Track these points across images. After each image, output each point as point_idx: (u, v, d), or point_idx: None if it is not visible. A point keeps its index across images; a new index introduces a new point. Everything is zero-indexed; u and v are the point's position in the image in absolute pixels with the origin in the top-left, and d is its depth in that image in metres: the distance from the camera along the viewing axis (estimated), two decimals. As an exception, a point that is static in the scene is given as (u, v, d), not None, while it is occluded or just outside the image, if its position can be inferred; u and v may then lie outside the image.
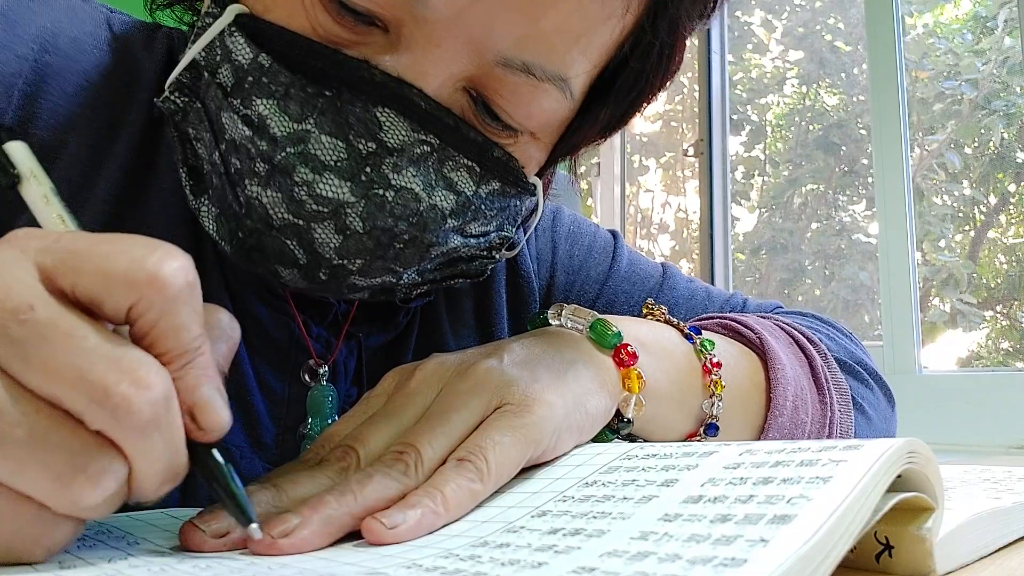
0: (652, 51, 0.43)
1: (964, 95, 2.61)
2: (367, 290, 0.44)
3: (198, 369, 0.27)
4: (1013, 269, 2.76)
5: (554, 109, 0.42)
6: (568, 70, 0.40)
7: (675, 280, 0.66)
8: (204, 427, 0.28)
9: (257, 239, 0.41)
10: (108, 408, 0.24)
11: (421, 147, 0.39)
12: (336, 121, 0.38)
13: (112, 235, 0.27)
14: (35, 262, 0.25)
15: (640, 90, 0.46)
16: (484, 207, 0.43)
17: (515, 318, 0.60)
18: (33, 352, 0.24)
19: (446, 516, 0.32)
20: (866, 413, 0.58)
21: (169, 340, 0.26)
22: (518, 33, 0.38)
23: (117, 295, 0.25)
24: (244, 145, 0.39)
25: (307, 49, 0.38)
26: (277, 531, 0.30)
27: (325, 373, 0.50)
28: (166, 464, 0.26)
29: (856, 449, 0.27)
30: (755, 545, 0.22)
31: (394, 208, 0.39)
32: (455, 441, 0.35)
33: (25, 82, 0.44)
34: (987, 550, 0.34)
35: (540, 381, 0.39)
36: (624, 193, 2.62)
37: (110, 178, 0.45)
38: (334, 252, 0.40)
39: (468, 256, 0.47)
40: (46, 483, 0.24)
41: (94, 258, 0.25)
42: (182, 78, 0.41)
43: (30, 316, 0.24)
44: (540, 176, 0.48)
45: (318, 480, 0.34)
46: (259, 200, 0.39)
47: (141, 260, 0.26)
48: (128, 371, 0.25)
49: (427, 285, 0.47)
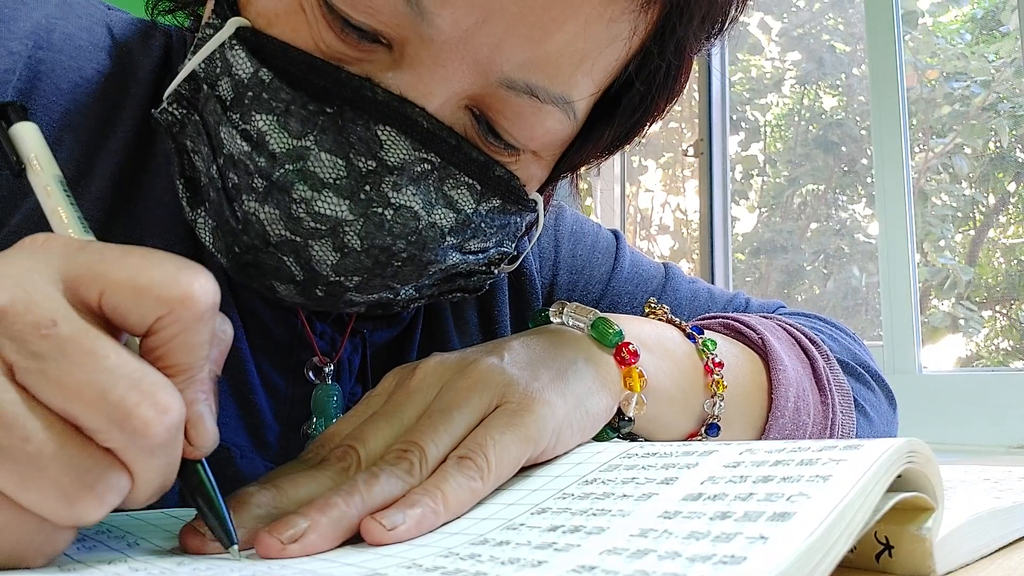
0: (658, 73, 0.43)
1: (972, 96, 2.60)
2: (364, 305, 0.44)
3: (198, 385, 0.27)
4: (1013, 269, 2.75)
5: (557, 130, 0.42)
6: (572, 92, 0.40)
7: (678, 280, 0.66)
8: (194, 443, 0.28)
9: (254, 255, 0.40)
10: (127, 430, 0.24)
11: (422, 165, 0.39)
12: (337, 139, 0.38)
13: (140, 248, 0.27)
14: (59, 271, 0.25)
15: (644, 110, 0.45)
16: (484, 224, 0.43)
17: (518, 316, 0.60)
18: (53, 368, 0.24)
19: (446, 515, 0.32)
20: (867, 414, 0.58)
21: (181, 355, 0.26)
22: (523, 56, 0.38)
23: (146, 308, 0.25)
24: (242, 160, 0.38)
25: (309, 66, 0.38)
26: (286, 536, 0.29)
27: (330, 371, 0.50)
28: (162, 481, 0.27)
29: (856, 448, 0.27)
30: (755, 542, 0.22)
31: (393, 227, 0.39)
32: (457, 439, 0.35)
33: (19, 79, 0.43)
34: (987, 550, 0.33)
35: (540, 380, 0.39)
36: (624, 193, 2.62)
37: (104, 175, 0.45)
38: (331, 269, 0.40)
39: (467, 272, 0.46)
40: (52, 500, 0.24)
41: (124, 269, 0.25)
42: (181, 89, 0.41)
43: (52, 331, 0.24)
44: (541, 192, 0.48)
45: (319, 480, 0.34)
46: (256, 216, 0.39)
47: (175, 276, 0.26)
48: (148, 393, 0.25)
49: (424, 300, 0.47)
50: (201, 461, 0.29)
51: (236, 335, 0.47)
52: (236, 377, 0.47)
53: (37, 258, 0.26)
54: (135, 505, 0.27)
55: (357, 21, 0.37)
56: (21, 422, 0.24)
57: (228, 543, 0.29)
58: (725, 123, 2.19)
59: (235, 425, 0.47)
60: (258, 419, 0.48)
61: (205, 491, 0.29)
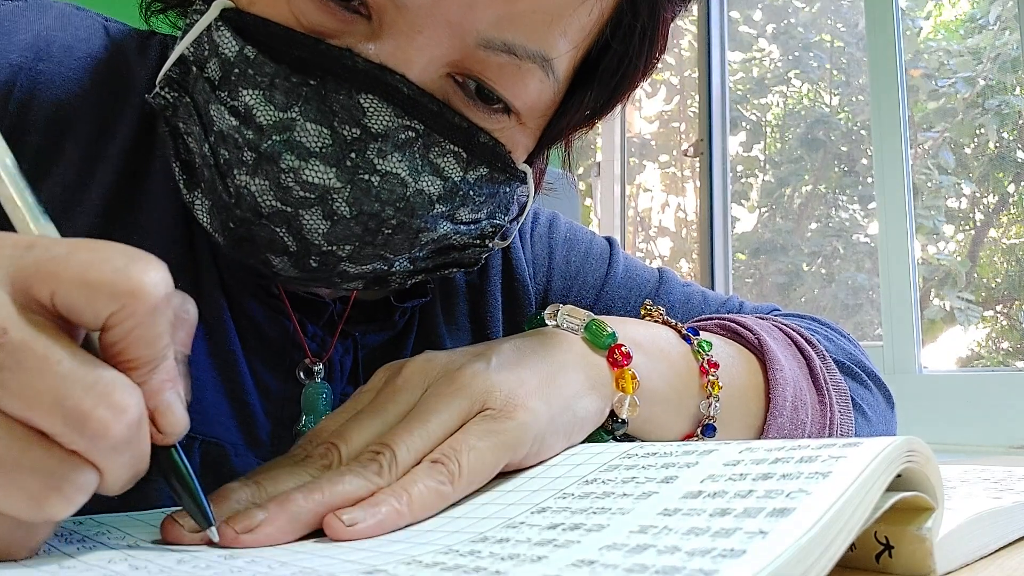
0: (634, 33, 0.44)
1: (959, 93, 2.61)
2: (360, 279, 0.44)
3: (162, 374, 0.27)
4: (1013, 269, 2.76)
5: (539, 90, 0.42)
6: (550, 50, 0.41)
7: (671, 284, 0.67)
8: (164, 431, 0.28)
9: (247, 228, 0.41)
10: (87, 434, 0.24)
11: (406, 133, 0.40)
12: (320, 109, 0.38)
13: (88, 241, 0.26)
14: (8, 273, 0.25)
15: (624, 73, 0.46)
16: (473, 193, 0.44)
17: (511, 322, 0.60)
18: (8, 377, 0.24)
19: (410, 516, 0.33)
20: (865, 414, 0.58)
21: (141, 348, 0.26)
22: (496, 13, 0.38)
23: (98, 305, 0.25)
24: (232, 135, 0.39)
25: (290, 40, 0.39)
26: (241, 526, 0.31)
27: (320, 371, 0.50)
28: (133, 471, 0.27)
29: (856, 446, 0.27)
30: (754, 537, 0.22)
31: (380, 193, 0.40)
32: (432, 443, 0.36)
33: (20, 90, 0.44)
34: (987, 550, 0.33)
35: (525, 385, 0.39)
36: (624, 193, 2.62)
37: (103, 181, 0.46)
38: (323, 238, 0.40)
39: (460, 244, 0.47)
40: (21, 503, 0.25)
41: (74, 267, 0.25)
42: (171, 73, 0.42)
43: (4, 340, 0.24)
44: (530, 164, 0.48)
45: (298, 477, 0.35)
46: (248, 189, 0.40)
47: (124, 270, 0.25)
48: (104, 395, 0.25)
49: (421, 274, 0.47)
50: (175, 446, 0.29)
51: (229, 336, 0.48)
52: (229, 377, 0.48)
53: None
54: (111, 493, 0.27)
55: None
56: None
57: (205, 524, 0.30)
58: (725, 123, 2.19)
59: (229, 424, 0.48)
60: (251, 418, 0.48)
61: (180, 475, 0.29)
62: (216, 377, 0.47)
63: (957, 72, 2.62)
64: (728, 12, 2.29)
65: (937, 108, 2.69)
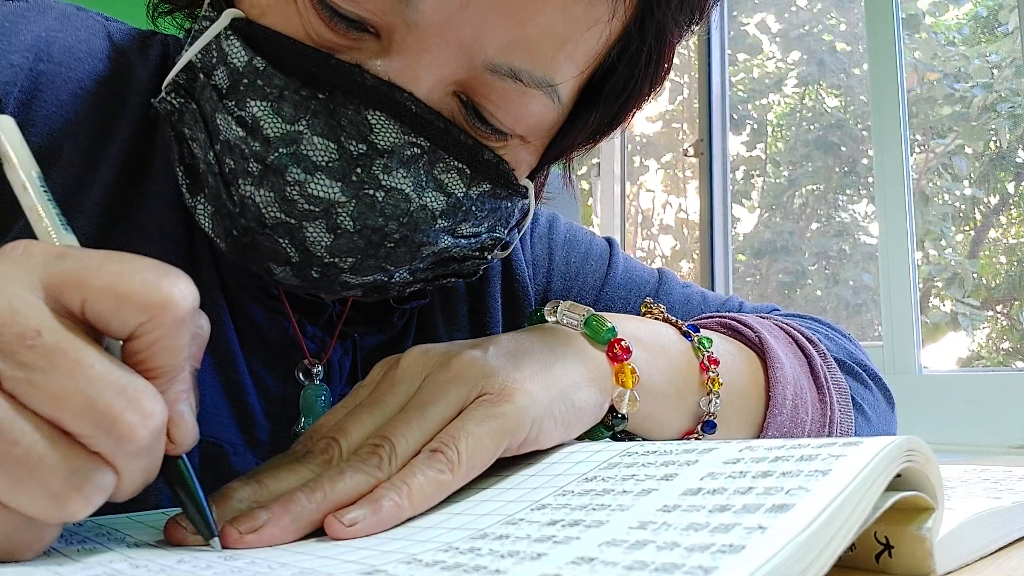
0: (640, 57, 0.44)
1: (974, 97, 2.60)
2: (359, 288, 0.44)
3: (179, 384, 0.28)
4: (1014, 269, 2.75)
5: (542, 114, 0.42)
6: (555, 75, 0.41)
7: (671, 285, 0.67)
8: (175, 441, 0.29)
9: (251, 238, 0.41)
10: (114, 436, 0.25)
11: (411, 149, 0.40)
12: (328, 123, 0.39)
13: (118, 254, 0.27)
14: (41, 279, 0.26)
15: (628, 95, 0.46)
16: (475, 208, 0.44)
17: (511, 323, 0.60)
18: (41, 378, 0.24)
19: (411, 509, 0.33)
20: (865, 413, 0.58)
21: (164, 358, 0.27)
22: (505, 38, 0.38)
23: (127, 315, 0.26)
24: (238, 145, 0.39)
25: (301, 53, 0.39)
26: (244, 527, 0.31)
27: (319, 372, 0.50)
28: (146, 477, 0.28)
29: (856, 445, 0.27)
30: (753, 532, 0.22)
31: (384, 208, 0.40)
32: (430, 433, 0.36)
33: (20, 90, 0.44)
34: (987, 550, 0.34)
35: (523, 371, 0.39)
36: (624, 193, 2.62)
37: (104, 182, 0.46)
38: (325, 250, 0.41)
39: (460, 256, 0.47)
40: (41, 501, 0.25)
41: (105, 277, 0.26)
42: (178, 79, 0.42)
43: (38, 342, 0.25)
44: (532, 179, 0.48)
45: (299, 474, 0.35)
46: (252, 199, 0.40)
47: (155, 283, 0.26)
48: (133, 400, 0.26)
49: (419, 284, 0.47)
50: (182, 457, 0.30)
51: (228, 337, 0.48)
52: (229, 378, 0.48)
53: (18, 267, 0.26)
54: (119, 499, 0.28)
55: (345, 10, 0.38)
56: (10, 428, 0.24)
57: (208, 535, 0.30)
58: (725, 123, 2.19)
59: (228, 424, 0.48)
60: (250, 418, 0.49)
61: (186, 485, 0.30)
62: (216, 377, 0.48)
63: (973, 77, 2.61)
64: (730, 12, 2.28)
65: (952, 113, 2.68)
